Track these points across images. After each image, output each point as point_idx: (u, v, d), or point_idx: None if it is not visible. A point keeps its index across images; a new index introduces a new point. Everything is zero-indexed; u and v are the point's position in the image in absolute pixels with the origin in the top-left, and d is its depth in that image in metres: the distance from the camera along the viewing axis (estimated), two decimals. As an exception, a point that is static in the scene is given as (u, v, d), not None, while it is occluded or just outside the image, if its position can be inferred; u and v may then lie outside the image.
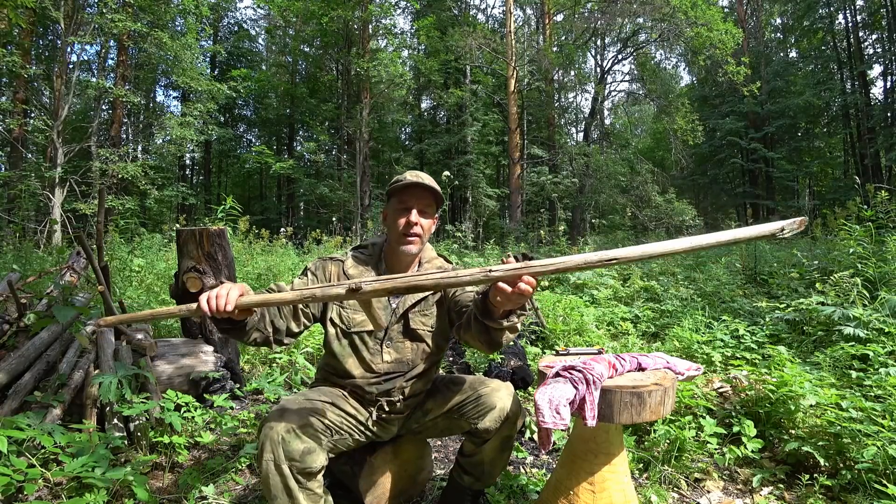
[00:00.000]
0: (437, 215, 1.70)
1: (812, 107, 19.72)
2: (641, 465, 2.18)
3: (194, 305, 1.23)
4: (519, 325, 1.29)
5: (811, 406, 2.25)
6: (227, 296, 1.20)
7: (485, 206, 17.03)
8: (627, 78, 21.90)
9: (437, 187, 1.62)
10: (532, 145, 18.48)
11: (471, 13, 21.71)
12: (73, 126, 16.00)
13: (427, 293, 1.66)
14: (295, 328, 1.55)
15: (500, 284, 1.11)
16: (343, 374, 1.62)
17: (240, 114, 23.33)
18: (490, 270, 1.07)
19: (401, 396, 1.64)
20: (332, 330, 1.63)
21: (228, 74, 16.38)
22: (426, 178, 1.61)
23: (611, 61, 19.09)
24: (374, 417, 1.63)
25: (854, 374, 2.64)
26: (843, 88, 19.41)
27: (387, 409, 1.63)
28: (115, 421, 2.20)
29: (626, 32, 17.67)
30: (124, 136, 17.02)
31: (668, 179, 18.88)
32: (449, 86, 19.11)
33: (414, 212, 1.58)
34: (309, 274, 1.65)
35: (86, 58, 15.84)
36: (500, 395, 1.59)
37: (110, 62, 15.06)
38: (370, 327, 1.60)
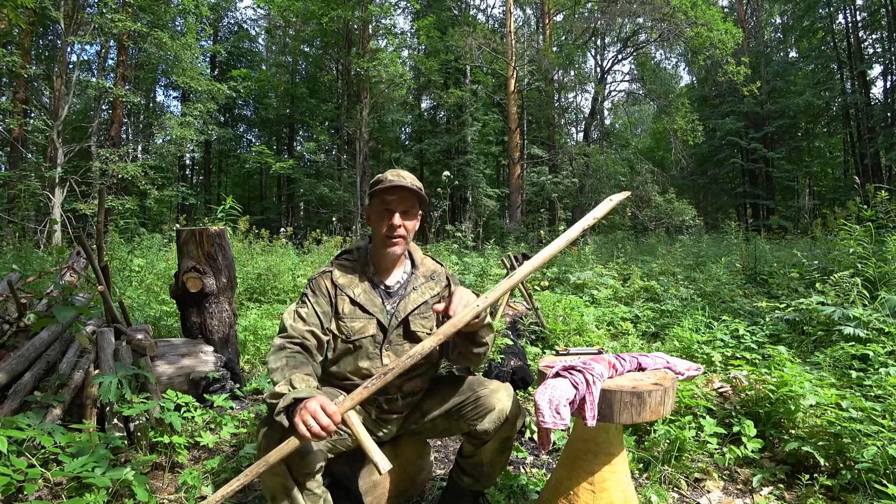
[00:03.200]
0: (420, 213, 1.68)
1: (812, 107, 19.74)
2: (641, 465, 2.18)
3: (296, 441, 1.20)
4: (490, 344, 1.53)
5: (811, 406, 2.25)
6: (324, 413, 1.19)
7: (485, 206, 17.04)
8: (627, 78, 21.94)
9: (419, 186, 1.60)
10: (532, 145, 18.50)
11: (471, 13, 21.74)
12: (73, 126, 16.01)
13: (426, 298, 1.66)
14: (330, 355, 1.62)
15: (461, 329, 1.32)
16: (342, 377, 1.63)
17: (240, 114, 23.35)
18: (440, 337, 1.30)
19: (399, 394, 1.64)
20: (332, 341, 1.63)
21: (228, 74, 16.39)
22: (407, 179, 1.58)
23: (611, 61, 19.13)
24: (373, 416, 1.63)
25: (854, 374, 2.64)
26: (843, 88, 19.42)
27: (386, 407, 1.64)
28: (115, 421, 2.20)
29: (626, 32, 17.69)
30: (124, 136, 17.03)
31: (668, 179, 18.87)
32: (449, 86, 19.10)
33: (397, 215, 1.57)
34: (309, 298, 1.61)
35: (86, 58, 15.90)
36: (500, 396, 1.59)
37: (110, 62, 15.09)
38: (370, 333, 1.60)
